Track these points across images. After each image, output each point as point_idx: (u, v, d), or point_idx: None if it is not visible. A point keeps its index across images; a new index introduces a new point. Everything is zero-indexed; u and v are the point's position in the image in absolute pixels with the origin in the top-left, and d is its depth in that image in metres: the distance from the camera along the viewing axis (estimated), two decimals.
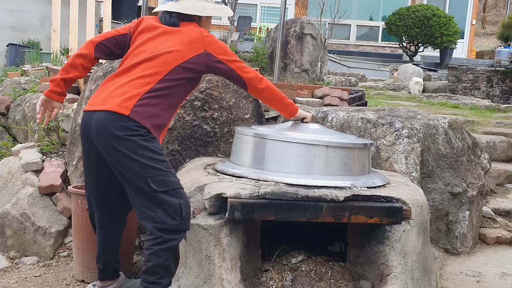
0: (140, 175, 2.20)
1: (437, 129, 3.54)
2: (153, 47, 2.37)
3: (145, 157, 2.20)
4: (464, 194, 3.54)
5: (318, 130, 2.73)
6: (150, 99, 2.26)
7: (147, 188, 2.20)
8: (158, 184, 2.20)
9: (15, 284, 2.84)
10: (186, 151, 3.25)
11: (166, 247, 2.21)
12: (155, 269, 2.22)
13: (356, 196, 2.40)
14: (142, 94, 2.25)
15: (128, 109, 2.20)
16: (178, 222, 2.21)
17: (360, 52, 15.45)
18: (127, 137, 2.20)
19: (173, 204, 2.21)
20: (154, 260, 2.20)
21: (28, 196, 3.33)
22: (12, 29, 9.40)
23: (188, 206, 2.28)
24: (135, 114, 2.21)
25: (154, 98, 2.28)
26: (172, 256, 2.25)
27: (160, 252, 2.20)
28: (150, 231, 2.22)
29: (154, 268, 2.22)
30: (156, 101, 2.28)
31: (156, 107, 2.28)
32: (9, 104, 4.98)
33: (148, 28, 2.46)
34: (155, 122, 2.27)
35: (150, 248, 2.20)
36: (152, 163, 2.21)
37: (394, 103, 7.75)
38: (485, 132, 5.91)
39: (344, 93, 5.01)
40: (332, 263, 2.73)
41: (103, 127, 2.21)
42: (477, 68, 12.49)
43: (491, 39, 22.67)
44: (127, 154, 2.19)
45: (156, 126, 2.29)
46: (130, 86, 2.27)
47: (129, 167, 2.20)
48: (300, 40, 7.27)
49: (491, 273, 3.22)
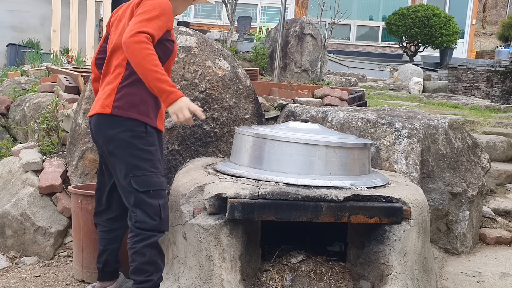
0: (125, 175, 2.25)
1: (437, 129, 3.54)
2: (115, 34, 2.36)
3: (131, 156, 2.23)
4: (464, 194, 3.54)
5: (318, 130, 2.73)
6: (127, 88, 2.25)
7: (129, 187, 2.25)
8: (140, 184, 2.24)
9: (15, 284, 2.84)
10: (186, 151, 3.25)
11: (148, 243, 2.25)
12: (142, 267, 2.25)
13: (356, 196, 2.40)
14: (117, 86, 2.25)
15: (110, 107, 2.23)
16: (157, 222, 2.25)
17: (360, 52, 15.44)
18: (116, 135, 2.23)
19: (153, 205, 2.24)
20: (139, 259, 2.24)
21: (28, 196, 3.33)
22: (12, 29, 9.41)
23: (167, 208, 2.33)
24: (117, 109, 2.22)
25: (130, 86, 2.25)
26: (155, 252, 2.28)
27: (143, 249, 2.24)
28: (130, 230, 2.27)
29: (141, 266, 2.25)
30: (134, 89, 2.25)
31: (136, 95, 2.25)
32: (9, 104, 4.98)
33: (115, 16, 2.47)
34: (141, 109, 2.24)
35: (133, 247, 2.25)
36: (137, 162, 2.23)
37: (394, 103, 7.74)
38: (485, 132, 5.91)
39: (344, 93, 5.01)
40: (332, 263, 2.73)
41: (96, 131, 2.31)
42: (477, 68, 12.49)
43: (491, 39, 22.67)
44: (116, 154, 2.25)
45: (144, 112, 2.26)
46: (108, 82, 2.30)
47: (117, 166, 2.27)
48: (300, 40, 7.27)
49: (491, 273, 3.22)
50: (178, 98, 2.13)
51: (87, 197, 2.81)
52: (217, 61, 3.39)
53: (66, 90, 4.32)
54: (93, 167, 3.26)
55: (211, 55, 3.39)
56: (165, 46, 2.30)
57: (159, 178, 2.29)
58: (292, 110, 3.88)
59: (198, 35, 3.46)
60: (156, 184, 2.27)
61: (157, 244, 2.29)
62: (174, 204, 2.56)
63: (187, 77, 3.26)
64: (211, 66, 3.34)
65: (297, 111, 3.84)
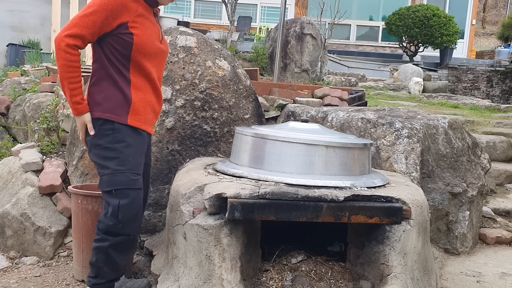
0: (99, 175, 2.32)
1: (437, 129, 3.54)
2: None
3: (97, 156, 2.28)
4: (464, 194, 3.54)
5: (318, 130, 2.73)
6: (92, 87, 2.31)
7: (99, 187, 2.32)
8: (103, 184, 2.26)
9: (15, 284, 2.84)
10: (186, 151, 3.25)
11: (98, 246, 2.25)
12: (91, 265, 2.30)
13: (356, 196, 2.40)
14: (88, 88, 2.33)
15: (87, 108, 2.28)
16: (112, 223, 2.23)
17: (360, 52, 15.44)
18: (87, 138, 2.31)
19: (112, 204, 2.23)
20: (91, 256, 2.29)
21: (28, 196, 3.33)
22: (12, 29, 9.41)
23: (131, 209, 2.26)
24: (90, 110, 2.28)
25: (94, 85, 2.30)
26: (103, 257, 2.25)
27: (94, 249, 2.27)
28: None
29: (90, 263, 2.30)
30: (97, 87, 2.28)
31: (99, 92, 2.27)
32: (9, 104, 4.98)
33: None
34: (105, 107, 2.25)
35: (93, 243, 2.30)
36: (102, 162, 2.25)
37: (394, 103, 7.74)
38: (485, 132, 5.91)
39: (344, 93, 5.01)
40: (332, 263, 2.73)
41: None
42: (477, 68, 12.49)
43: (491, 39, 22.66)
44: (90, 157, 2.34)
45: (109, 110, 2.25)
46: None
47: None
48: (300, 40, 7.27)
49: (491, 273, 3.22)
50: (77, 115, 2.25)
51: (87, 197, 2.81)
52: (217, 61, 3.39)
53: None
54: (93, 167, 3.26)
55: (211, 55, 3.39)
56: (122, 39, 2.24)
57: (127, 177, 2.24)
58: (292, 110, 3.88)
59: (198, 35, 3.46)
60: (119, 183, 2.23)
61: (107, 250, 2.25)
62: (174, 204, 2.56)
63: (187, 77, 3.26)
64: (211, 66, 3.34)
65: (297, 111, 3.84)
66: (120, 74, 2.28)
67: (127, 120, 2.27)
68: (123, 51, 2.25)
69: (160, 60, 2.43)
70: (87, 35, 2.17)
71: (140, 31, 2.27)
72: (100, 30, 2.20)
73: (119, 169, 2.23)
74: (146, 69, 2.32)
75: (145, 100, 2.34)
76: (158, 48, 2.38)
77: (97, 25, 2.18)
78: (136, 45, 2.26)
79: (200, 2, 16.09)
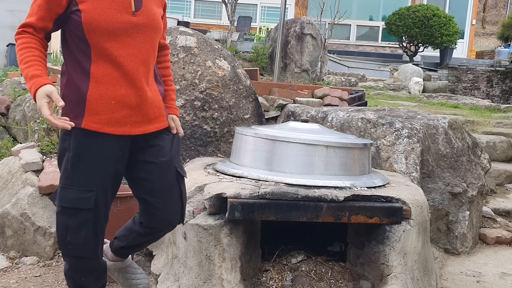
0: None
1: (437, 129, 3.54)
2: None
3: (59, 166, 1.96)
4: (464, 194, 3.54)
5: (318, 130, 2.73)
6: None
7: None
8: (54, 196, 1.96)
9: (15, 284, 2.84)
10: (186, 151, 3.25)
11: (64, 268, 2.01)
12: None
13: (356, 196, 2.40)
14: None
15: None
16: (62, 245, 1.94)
17: (360, 52, 15.44)
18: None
19: (58, 224, 1.93)
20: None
21: (28, 196, 3.33)
22: (12, 29, 9.40)
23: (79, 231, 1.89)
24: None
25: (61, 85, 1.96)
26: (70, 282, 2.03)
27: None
28: None
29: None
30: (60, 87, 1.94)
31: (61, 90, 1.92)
32: (9, 104, 4.98)
33: None
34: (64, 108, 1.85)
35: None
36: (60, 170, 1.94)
37: (394, 103, 7.74)
38: (485, 132, 5.91)
39: (344, 93, 5.01)
40: (332, 263, 2.73)
41: None
42: (477, 68, 12.48)
43: (491, 39, 22.66)
44: None
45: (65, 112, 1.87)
46: None
47: None
48: (300, 40, 7.27)
49: (491, 273, 3.22)
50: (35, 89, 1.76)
51: None
52: (217, 61, 3.39)
53: None
54: None
55: (211, 55, 3.40)
56: (73, 20, 1.83)
57: (74, 194, 1.85)
58: (292, 110, 3.88)
59: (198, 35, 3.46)
60: (66, 200, 1.86)
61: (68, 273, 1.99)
62: None
63: (187, 77, 3.26)
64: (211, 66, 3.34)
65: (297, 111, 3.84)
66: (78, 66, 1.86)
67: (81, 122, 1.84)
68: (79, 34, 1.84)
69: (135, 37, 1.89)
70: (35, 22, 1.83)
71: (89, 5, 1.81)
72: (49, 12, 1.83)
73: (67, 184, 1.87)
74: (109, 53, 1.84)
75: (109, 95, 1.86)
76: (125, 22, 1.86)
77: (43, 7, 1.82)
78: (85, 23, 1.81)
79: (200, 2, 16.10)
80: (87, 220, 1.89)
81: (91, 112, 1.85)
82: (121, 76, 1.87)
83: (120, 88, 1.87)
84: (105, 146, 1.89)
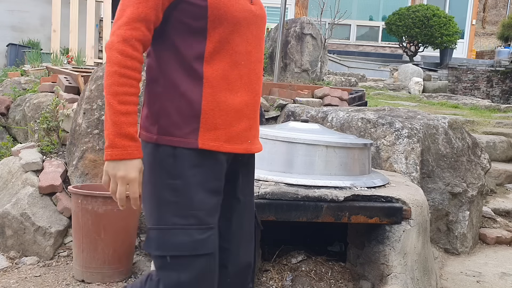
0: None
1: (437, 129, 3.54)
2: None
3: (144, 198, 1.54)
4: (464, 194, 3.54)
5: (318, 130, 2.73)
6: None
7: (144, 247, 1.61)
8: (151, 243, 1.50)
9: (15, 284, 2.84)
10: None
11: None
12: None
13: (356, 196, 2.40)
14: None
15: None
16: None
17: (360, 52, 15.44)
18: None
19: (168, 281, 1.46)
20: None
21: (28, 196, 3.33)
22: (12, 29, 9.41)
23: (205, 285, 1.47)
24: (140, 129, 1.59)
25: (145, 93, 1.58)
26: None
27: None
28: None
29: None
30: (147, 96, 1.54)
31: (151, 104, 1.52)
32: (9, 104, 4.98)
33: None
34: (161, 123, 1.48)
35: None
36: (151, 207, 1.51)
37: (394, 103, 7.74)
38: (485, 132, 5.91)
39: (344, 93, 5.01)
40: (332, 263, 2.73)
41: None
42: (477, 68, 12.49)
43: (491, 39, 22.66)
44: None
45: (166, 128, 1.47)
46: None
47: None
48: (300, 40, 7.26)
49: (491, 273, 3.22)
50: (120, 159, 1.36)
51: (87, 197, 2.81)
52: None
53: (66, 90, 4.31)
54: (93, 167, 3.26)
55: None
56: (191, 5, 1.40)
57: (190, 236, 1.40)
58: (292, 110, 3.88)
59: None
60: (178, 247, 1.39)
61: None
62: None
63: None
64: None
65: (297, 111, 3.84)
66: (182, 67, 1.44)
67: (197, 141, 1.43)
68: (194, 24, 1.41)
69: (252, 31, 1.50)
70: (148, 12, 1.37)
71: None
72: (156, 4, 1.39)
73: (179, 223, 1.40)
74: (229, 49, 1.45)
75: (229, 104, 1.46)
76: (247, 11, 1.48)
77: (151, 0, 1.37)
78: (212, 8, 1.40)
79: None
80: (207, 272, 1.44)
81: (208, 127, 1.44)
82: (237, 79, 1.48)
83: (237, 93, 1.48)
84: (219, 167, 1.49)
